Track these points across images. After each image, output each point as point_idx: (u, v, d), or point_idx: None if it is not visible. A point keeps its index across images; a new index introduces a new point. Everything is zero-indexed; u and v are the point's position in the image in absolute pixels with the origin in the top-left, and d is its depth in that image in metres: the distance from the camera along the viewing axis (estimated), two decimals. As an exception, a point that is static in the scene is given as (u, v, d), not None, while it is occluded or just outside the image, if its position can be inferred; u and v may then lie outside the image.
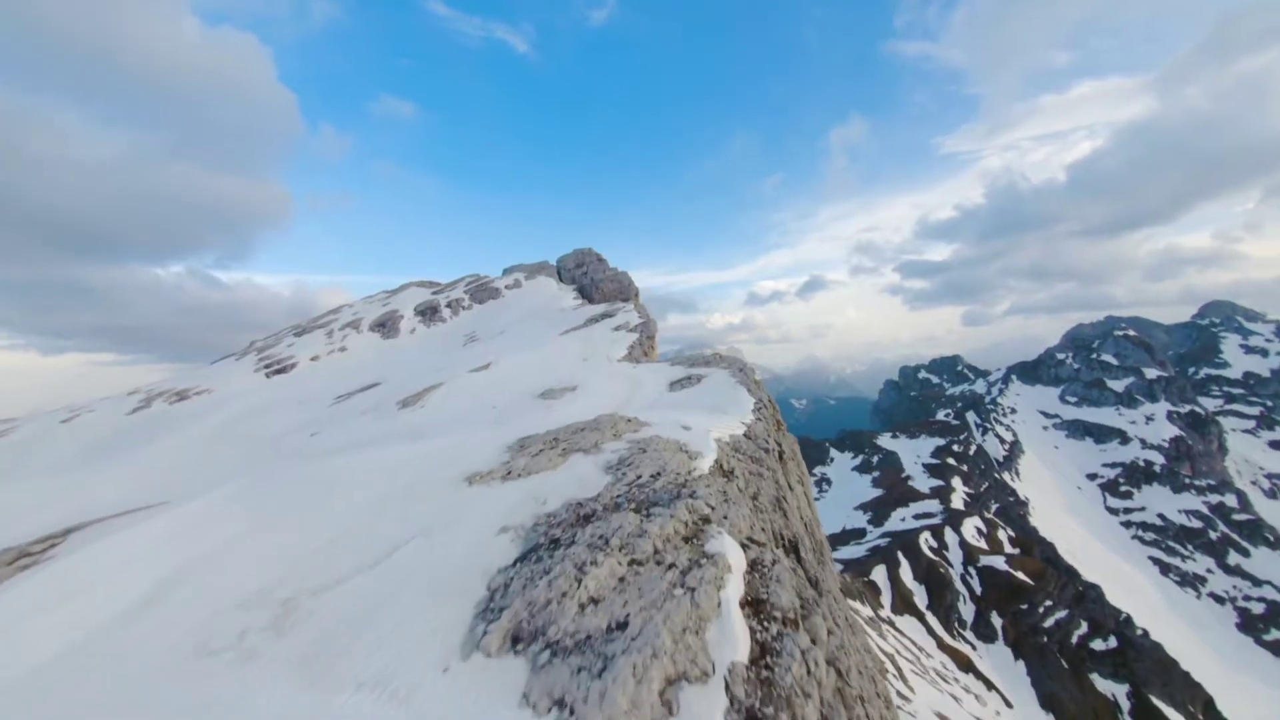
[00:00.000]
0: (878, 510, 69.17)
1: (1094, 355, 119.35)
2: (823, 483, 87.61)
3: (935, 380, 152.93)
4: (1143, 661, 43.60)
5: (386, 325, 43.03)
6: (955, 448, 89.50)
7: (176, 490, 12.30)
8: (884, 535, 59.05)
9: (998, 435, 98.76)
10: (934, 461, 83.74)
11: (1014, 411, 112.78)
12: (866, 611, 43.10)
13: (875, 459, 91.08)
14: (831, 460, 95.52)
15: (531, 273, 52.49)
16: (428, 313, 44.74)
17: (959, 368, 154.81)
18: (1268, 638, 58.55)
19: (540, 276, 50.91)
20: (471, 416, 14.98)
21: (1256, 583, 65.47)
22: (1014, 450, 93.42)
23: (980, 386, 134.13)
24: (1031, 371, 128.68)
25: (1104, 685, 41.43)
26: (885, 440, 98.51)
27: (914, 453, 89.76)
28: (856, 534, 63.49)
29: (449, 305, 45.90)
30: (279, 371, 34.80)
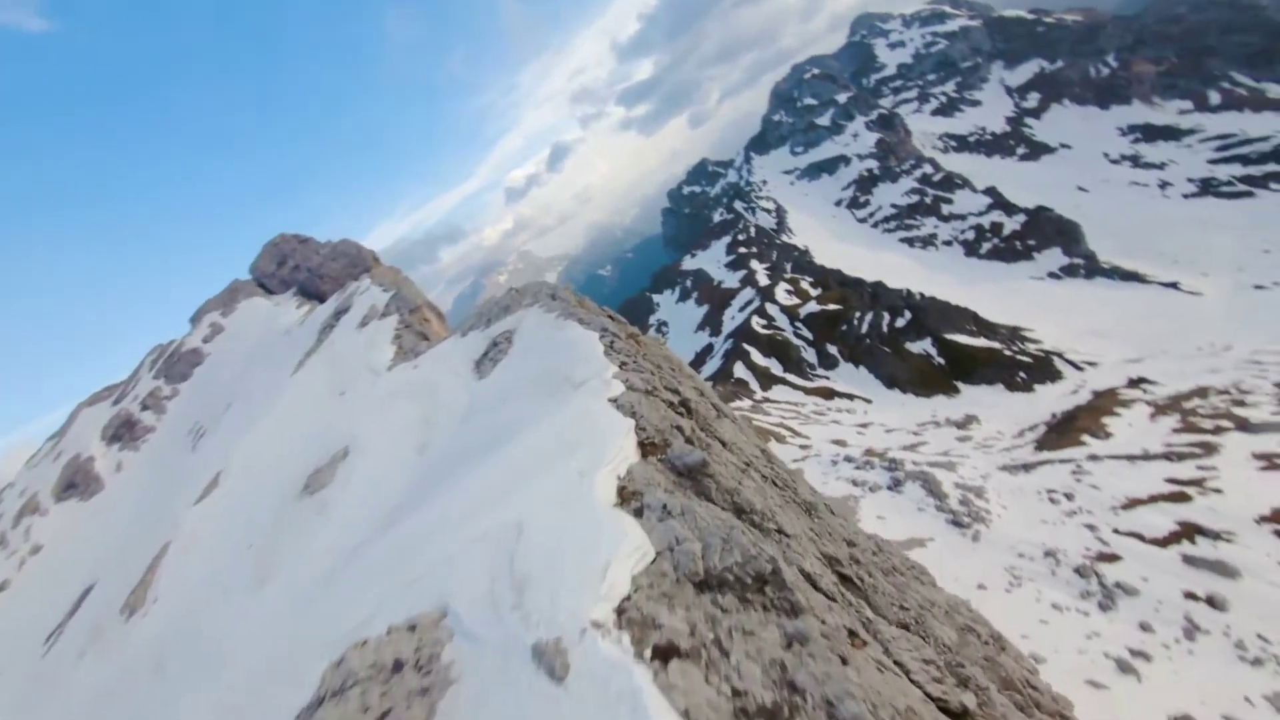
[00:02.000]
0: (711, 323, 74.15)
1: (797, 105, 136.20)
2: (662, 327, 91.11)
3: (698, 190, 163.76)
4: (929, 316, 54.64)
5: (78, 484, 29.40)
6: (740, 238, 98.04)
7: None
8: (726, 338, 63.48)
9: (764, 209, 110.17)
10: (730, 258, 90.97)
11: (765, 183, 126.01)
12: (746, 404, 46.38)
13: (688, 283, 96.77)
14: (658, 305, 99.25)
15: (227, 303, 38.64)
16: (122, 433, 31.21)
17: (709, 169, 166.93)
18: (983, 252, 78.44)
19: (242, 302, 37.83)
20: (217, 592, 8.91)
21: (963, 218, 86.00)
22: (780, 214, 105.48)
23: (733, 176, 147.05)
24: (761, 142, 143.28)
25: (916, 346, 51.37)
26: (688, 263, 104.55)
27: (714, 260, 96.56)
28: (707, 350, 67.72)
29: (145, 407, 32.30)
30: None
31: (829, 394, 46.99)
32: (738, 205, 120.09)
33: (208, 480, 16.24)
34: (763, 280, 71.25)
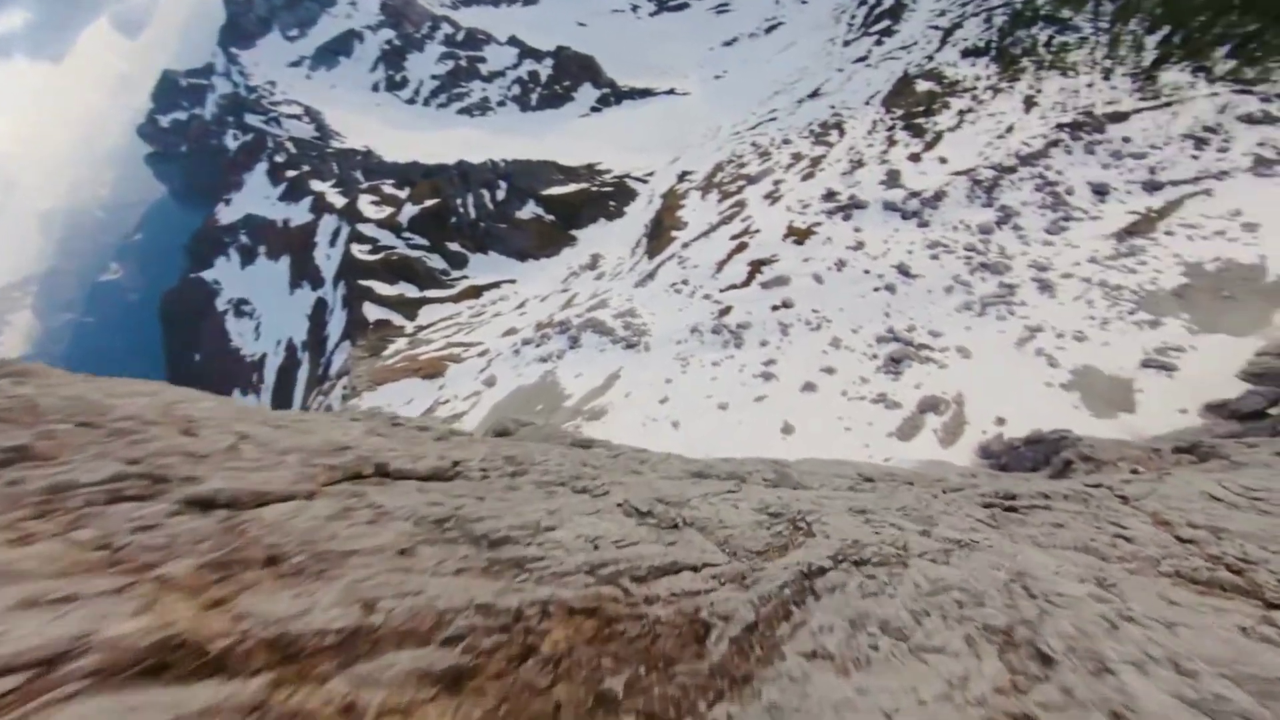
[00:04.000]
0: (304, 273, 60.83)
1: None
2: (243, 306, 70.64)
3: (182, 117, 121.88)
4: (521, 179, 56.16)
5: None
6: (279, 159, 79.13)
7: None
8: (336, 283, 53.28)
9: (290, 116, 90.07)
10: (280, 188, 73.47)
11: (274, 84, 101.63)
12: (402, 343, 41.25)
13: (242, 238, 75.51)
14: (219, 284, 75.47)
15: None
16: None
17: (182, 84, 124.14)
18: (534, 104, 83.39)
19: None
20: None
21: (502, 74, 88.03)
22: (315, 117, 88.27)
23: (223, 85, 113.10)
24: (236, 32, 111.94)
25: (525, 212, 53.18)
26: (226, 214, 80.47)
27: (258, 197, 76.49)
28: (321, 306, 56.19)
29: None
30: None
31: (476, 292, 45.67)
32: (252, 120, 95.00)
33: None
34: (337, 201, 60.37)
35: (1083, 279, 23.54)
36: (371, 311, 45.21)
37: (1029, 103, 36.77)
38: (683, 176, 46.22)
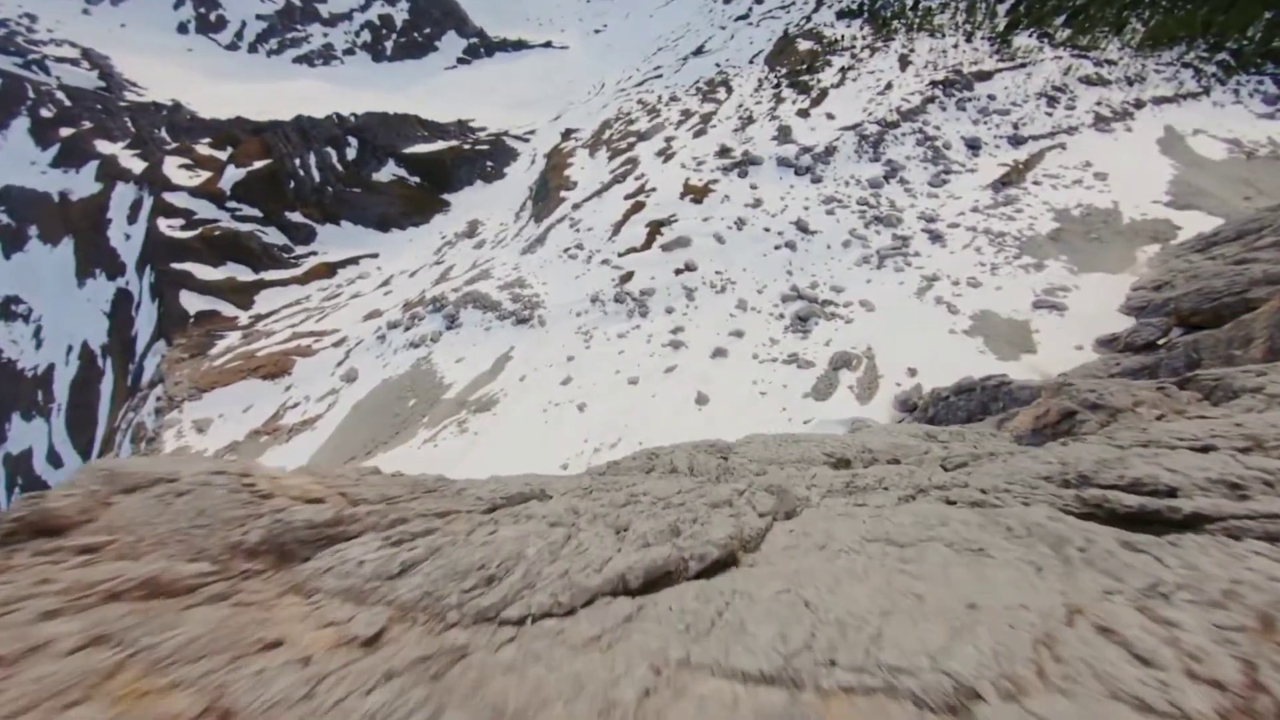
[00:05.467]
0: (96, 259, 49.32)
1: None
2: (12, 306, 56.28)
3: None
4: (376, 134, 49.44)
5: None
6: (46, 113, 63.43)
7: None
8: (139, 270, 43.60)
9: (65, 60, 72.69)
10: (51, 151, 58.92)
11: (36, 19, 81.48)
12: (234, 338, 34.43)
13: None
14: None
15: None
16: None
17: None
18: (389, 54, 74.03)
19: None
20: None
21: (348, 17, 77.17)
22: (101, 63, 71.93)
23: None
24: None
25: (384, 174, 46.91)
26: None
27: (19, 163, 60.92)
28: (125, 299, 45.90)
29: None
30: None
31: (329, 270, 39.34)
32: (9, 67, 75.37)
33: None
34: (134, 166, 49.15)
35: (968, 228, 24.49)
36: (192, 302, 37.42)
37: (904, 61, 38.20)
38: (568, 134, 43.13)
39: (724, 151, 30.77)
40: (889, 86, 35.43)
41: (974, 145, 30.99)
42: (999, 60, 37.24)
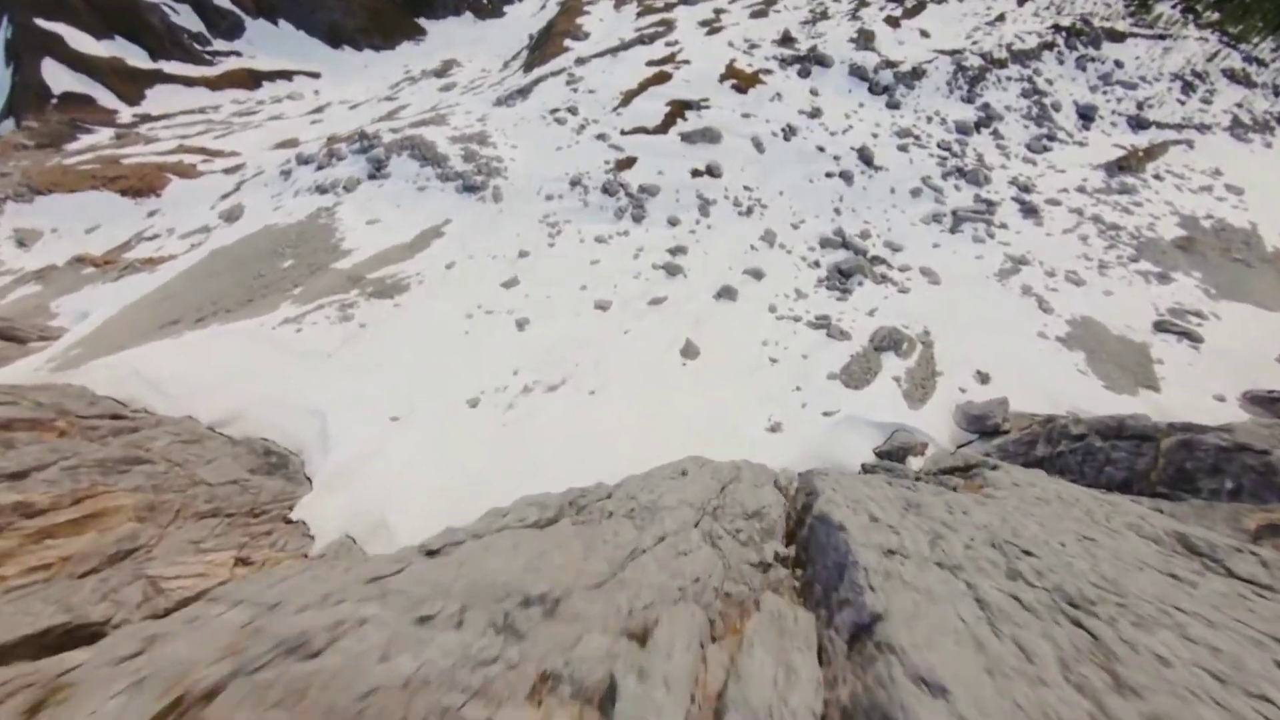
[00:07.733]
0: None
1: None
2: None
3: None
4: None
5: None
6: None
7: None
8: None
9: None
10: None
11: None
12: (102, 137, 27.05)
13: None
14: None
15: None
16: None
17: None
18: None
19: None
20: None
21: None
22: None
23: None
24: None
25: None
26: None
27: None
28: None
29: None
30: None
31: (252, 79, 31.51)
32: None
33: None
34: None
35: (1072, 209, 19.57)
36: (59, 77, 29.36)
37: (1022, -7, 31.73)
38: (588, -16, 35.22)
39: (786, 40, 24.46)
40: (1001, 18, 29.25)
41: (1087, 115, 25.57)
42: (1134, 23, 31.22)
